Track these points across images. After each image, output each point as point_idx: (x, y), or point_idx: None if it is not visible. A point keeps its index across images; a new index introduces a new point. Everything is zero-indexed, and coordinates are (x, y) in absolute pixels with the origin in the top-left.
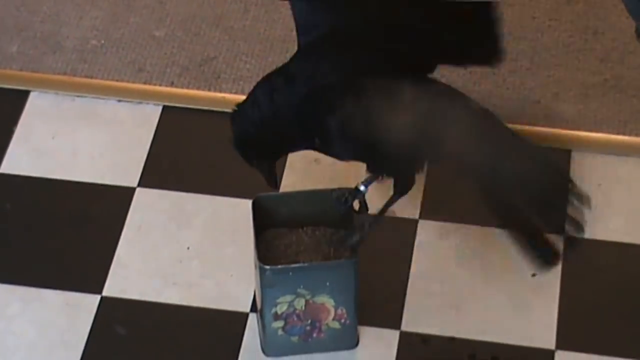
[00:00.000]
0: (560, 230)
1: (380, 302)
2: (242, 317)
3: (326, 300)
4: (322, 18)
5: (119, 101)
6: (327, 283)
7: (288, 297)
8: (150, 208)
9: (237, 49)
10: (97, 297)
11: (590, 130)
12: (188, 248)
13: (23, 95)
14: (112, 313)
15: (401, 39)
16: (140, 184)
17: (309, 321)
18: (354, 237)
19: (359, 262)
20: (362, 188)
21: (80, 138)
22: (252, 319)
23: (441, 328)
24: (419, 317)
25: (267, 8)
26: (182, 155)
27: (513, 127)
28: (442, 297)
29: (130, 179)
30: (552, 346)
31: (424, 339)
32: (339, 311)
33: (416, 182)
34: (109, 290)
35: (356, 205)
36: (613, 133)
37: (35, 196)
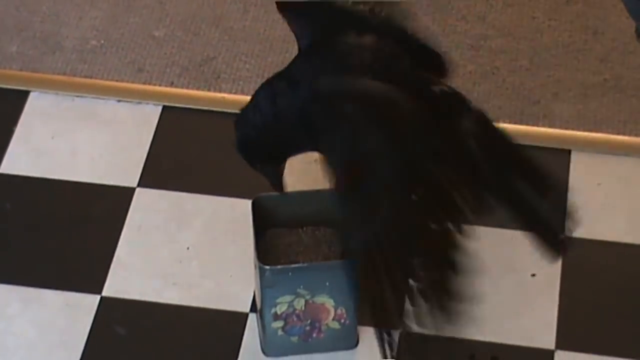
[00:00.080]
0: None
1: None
2: (242, 317)
3: (326, 301)
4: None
5: (119, 101)
6: (327, 283)
7: (288, 297)
8: (150, 208)
9: (237, 49)
10: (97, 297)
11: (590, 130)
12: (188, 248)
13: (23, 95)
14: (112, 313)
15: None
16: (140, 184)
17: (309, 321)
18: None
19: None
20: None
21: (80, 138)
22: (252, 319)
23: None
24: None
25: (267, 8)
26: (182, 155)
27: (513, 127)
28: None
29: (130, 179)
30: (552, 346)
31: (424, 338)
32: (339, 311)
33: None
34: (109, 290)
35: None
36: (613, 133)
37: (35, 196)
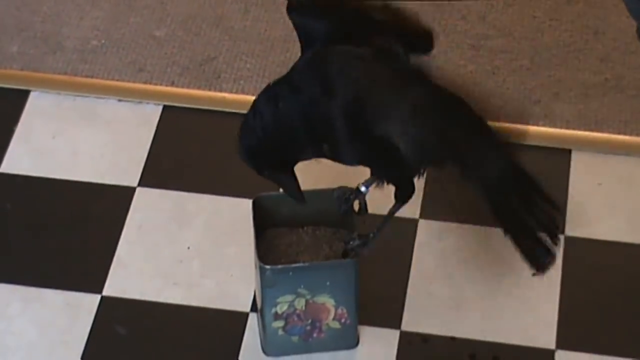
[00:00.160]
0: (554, 230)
1: (380, 302)
2: (242, 317)
3: (326, 300)
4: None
5: (120, 101)
6: (328, 283)
7: (288, 297)
8: (150, 208)
9: (237, 49)
10: (98, 297)
11: (590, 130)
12: (188, 248)
13: (23, 95)
14: (113, 313)
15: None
16: (140, 184)
17: (309, 321)
18: (355, 242)
19: (359, 262)
20: (363, 189)
21: (81, 138)
22: (253, 318)
23: (441, 328)
24: (419, 317)
25: (267, 8)
26: (183, 155)
27: (513, 127)
28: (442, 297)
29: (130, 178)
30: (552, 346)
31: (424, 338)
32: (339, 311)
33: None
34: (109, 290)
35: (356, 205)
36: (613, 133)
37: (35, 196)
